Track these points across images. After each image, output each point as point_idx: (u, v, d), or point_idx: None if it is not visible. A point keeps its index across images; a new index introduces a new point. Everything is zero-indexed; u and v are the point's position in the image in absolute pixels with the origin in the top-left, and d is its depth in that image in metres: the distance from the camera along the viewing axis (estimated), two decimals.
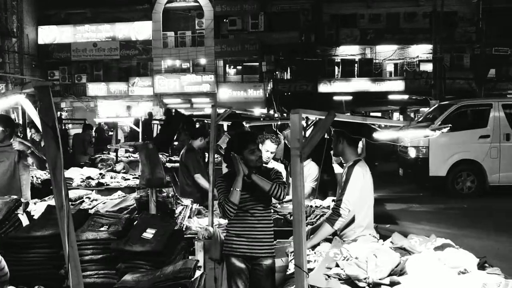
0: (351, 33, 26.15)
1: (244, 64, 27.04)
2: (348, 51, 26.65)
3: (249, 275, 3.46)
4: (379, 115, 24.13)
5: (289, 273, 3.10)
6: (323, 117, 2.25)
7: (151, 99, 26.71)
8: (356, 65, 26.75)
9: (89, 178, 7.00)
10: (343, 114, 2.76)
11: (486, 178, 10.29)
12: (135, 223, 3.48)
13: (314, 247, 3.30)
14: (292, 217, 2.15)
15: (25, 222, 3.55)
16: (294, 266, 2.22)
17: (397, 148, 11.51)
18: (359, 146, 3.99)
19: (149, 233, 3.20)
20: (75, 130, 17.84)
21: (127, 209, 4.33)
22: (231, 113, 5.10)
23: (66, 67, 27.43)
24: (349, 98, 24.51)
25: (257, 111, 16.55)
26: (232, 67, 27.66)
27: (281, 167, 5.32)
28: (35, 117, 2.02)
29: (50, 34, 27.44)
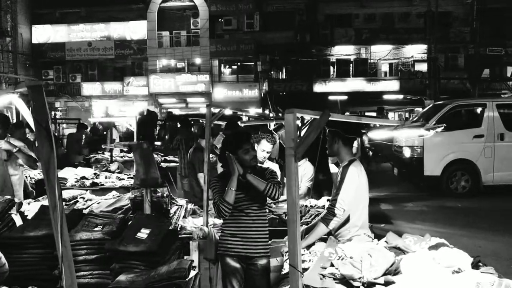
0: (346, 33, 26.18)
1: (239, 63, 27.04)
2: (343, 51, 26.67)
3: (244, 275, 3.46)
4: (374, 114, 24.17)
5: (284, 273, 3.10)
6: (318, 117, 2.25)
7: (146, 99, 26.65)
8: (351, 65, 26.76)
9: (83, 178, 6.98)
10: (338, 114, 2.76)
11: (480, 177, 10.33)
12: (129, 223, 3.47)
13: (309, 246, 3.31)
14: (287, 217, 2.14)
15: (19, 222, 3.53)
16: (289, 265, 2.22)
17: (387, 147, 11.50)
18: (354, 146, 4.00)
19: (144, 233, 3.19)
20: (69, 130, 17.77)
21: (121, 209, 4.31)
22: (231, 113, 5.16)
23: (60, 67, 27.32)
24: (344, 98, 24.55)
25: (252, 111, 16.54)
26: (227, 66, 27.63)
27: (276, 167, 5.32)
28: (28, 117, 2.01)
29: (44, 33, 27.29)
